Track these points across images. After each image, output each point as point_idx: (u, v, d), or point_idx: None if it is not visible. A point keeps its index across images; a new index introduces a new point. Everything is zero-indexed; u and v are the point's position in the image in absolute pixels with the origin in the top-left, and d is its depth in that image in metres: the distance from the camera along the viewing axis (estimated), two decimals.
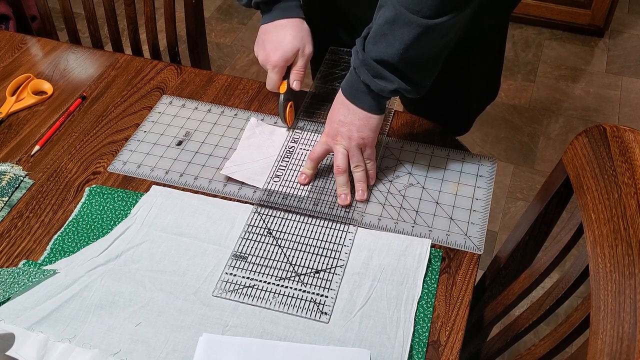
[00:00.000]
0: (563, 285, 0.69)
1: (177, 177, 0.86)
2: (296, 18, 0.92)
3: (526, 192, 1.89)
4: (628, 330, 0.49)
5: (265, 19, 0.93)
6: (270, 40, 0.91)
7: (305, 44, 0.91)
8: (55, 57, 1.10)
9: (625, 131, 0.61)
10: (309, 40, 0.92)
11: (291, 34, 0.90)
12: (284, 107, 0.90)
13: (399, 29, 0.71)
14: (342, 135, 0.81)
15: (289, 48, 0.89)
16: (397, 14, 0.70)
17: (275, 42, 0.90)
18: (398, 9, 0.70)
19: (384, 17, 0.72)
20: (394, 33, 0.72)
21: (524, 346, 0.75)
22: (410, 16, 0.70)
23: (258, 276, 0.74)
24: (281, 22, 0.91)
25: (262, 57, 0.92)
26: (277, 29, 0.91)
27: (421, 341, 0.68)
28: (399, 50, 0.72)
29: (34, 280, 0.72)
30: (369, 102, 0.79)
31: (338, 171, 0.82)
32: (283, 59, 0.89)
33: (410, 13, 0.69)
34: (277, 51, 0.89)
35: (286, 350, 0.65)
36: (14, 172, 0.87)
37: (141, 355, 0.66)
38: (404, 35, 0.71)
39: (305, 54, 0.92)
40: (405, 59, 0.73)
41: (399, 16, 0.70)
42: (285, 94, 0.90)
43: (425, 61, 0.75)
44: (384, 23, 0.72)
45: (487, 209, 0.82)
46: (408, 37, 0.71)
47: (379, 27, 0.73)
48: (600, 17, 2.37)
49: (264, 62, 0.91)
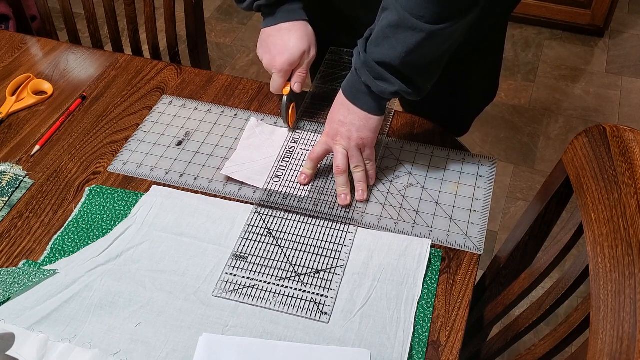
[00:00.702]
0: (563, 285, 0.69)
1: (177, 177, 0.87)
2: (300, 21, 0.91)
3: (526, 192, 1.89)
4: (628, 330, 0.49)
5: (268, 22, 0.92)
6: (275, 43, 0.90)
7: (310, 46, 0.91)
8: (55, 57, 1.11)
9: (625, 131, 0.61)
10: (313, 42, 0.92)
11: (296, 37, 0.89)
12: (286, 108, 0.90)
13: (402, 33, 0.71)
14: (342, 135, 0.81)
15: (295, 52, 0.89)
16: (400, 18, 0.70)
17: (280, 45, 0.89)
18: (402, 13, 0.70)
19: (387, 20, 0.72)
20: (397, 36, 0.72)
21: (524, 346, 0.75)
22: (413, 21, 0.69)
23: (258, 276, 0.74)
24: (285, 25, 0.90)
25: (267, 60, 0.91)
26: (281, 33, 0.90)
27: (421, 341, 0.68)
28: (401, 53, 0.72)
29: (34, 280, 0.72)
30: (369, 103, 0.79)
31: (338, 171, 0.82)
32: (288, 63, 0.89)
33: (413, 18, 0.69)
34: (282, 55, 0.89)
35: (286, 350, 0.65)
36: (14, 172, 0.87)
37: (141, 355, 0.66)
38: (407, 40, 0.71)
39: (310, 57, 0.91)
40: (407, 62, 0.73)
41: (402, 20, 0.70)
42: (289, 96, 0.90)
43: (427, 65, 0.75)
44: (387, 26, 0.72)
45: (487, 209, 0.82)
46: (411, 42, 0.71)
47: (381, 29, 0.73)
48: (600, 17, 2.37)
49: (269, 66, 0.91)
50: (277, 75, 0.90)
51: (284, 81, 0.91)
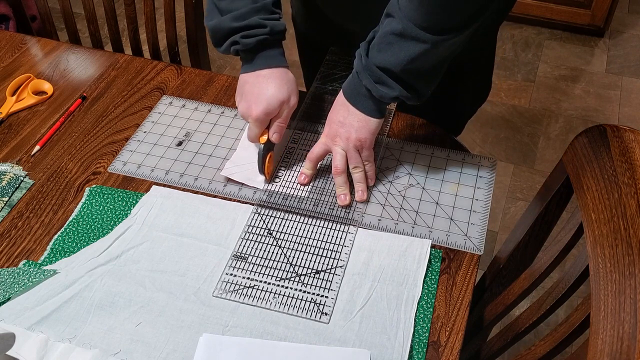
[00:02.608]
0: (563, 285, 0.69)
1: (177, 178, 0.87)
2: (280, 67, 0.84)
3: (526, 192, 1.89)
4: (628, 330, 0.49)
5: (246, 68, 0.85)
6: (251, 92, 0.83)
7: (290, 95, 0.84)
8: (55, 57, 1.10)
9: (625, 131, 0.61)
10: (294, 90, 0.85)
11: (274, 85, 0.83)
12: (262, 157, 0.84)
13: (406, 42, 0.71)
14: (341, 136, 0.81)
15: (272, 101, 0.82)
16: (404, 27, 0.70)
17: (256, 94, 0.83)
18: (406, 23, 0.70)
19: (391, 27, 0.72)
20: (400, 44, 0.72)
21: (524, 346, 0.75)
22: (418, 31, 0.70)
23: (258, 276, 0.74)
24: (263, 72, 0.84)
25: (242, 108, 0.84)
26: (259, 80, 0.84)
27: (421, 341, 0.68)
28: (402, 61, 0.72)
29: (34, 281, 0.72)
30: (369, 106, 0.79)
31: (336, 172, 0.82)
32: (265, 113, 0.82)
33: (417, 29, 0.69)
34: (259, 105, 0.82)
35: (286, 350, 0.66)
36: (14, 172, 0.87)
37: (141, 355, 0.66)
38: (410, 49, 0.71)
39: (289, 106, 0.85)
40: (408, 69, 0.73)
41: (406, 30, 0.70)
42: (265, 145, 0.84)
43: (428, 72, 0.75)
44: (390, 33, 0.72)
45: (487, 209, 0.82)
46: (414, 51, 0.71)
47: (384, 35, 0.73)
48: (600, 17, 2.37)
49: (245, 115, 0.84)
50: (253, 125, 0.83)
51: (260, 131, 0.84)
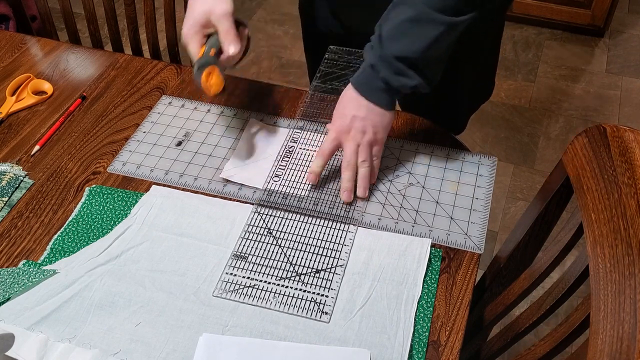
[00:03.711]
0: (563, 285, 0.69)
1: (176, 178, 0.86)
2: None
3: (526, 192, 1.89)
4: (628, 330, 0.49)
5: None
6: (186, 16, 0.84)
7: (215, 4, 0.80)
8: (55, 57, 1.10)
9: (625, 131, 0.61)
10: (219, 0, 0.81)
11: (200, 1, 0.81)
12: (198, 74, 0.80)
13: (423, 27, 0.72)
14: (356, 129, 0.80)
15: (196, 14, 0.81)
16: (419, 12, 0.71)
17: (187, 15, 0.83)
18: (421, 7, 0.71)
19: (404, 15, 0.73)
20: (417, 30, 0.73)
21: (524, 346, 0.75)
22: (434, 14, 0.71)
23: (258, 276, 0.74)
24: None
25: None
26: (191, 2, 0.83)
27: (421, 341, 0.68)
28: (422, 47, 0.73)
29: (34, 281, 0.72)
30: (385, 99, 0.79)
31: (348, 166, 0.81)
32: (190, 28, 0.81)
33: (434, 11, 0.71)
34: (186, 23, 0.82)
35: (286, 350, 0.65)
36: (14, 172, 0.87)
37: (141, 355, 0.66)
38: (427, 33, 0.72)
39: (216, 14, 0.80)
40: (426, 56, 0.74)
41: (422, 14, 0.71)
42: (199, 60, 0.80)
43: (442, 57, 0.77)
44: (404, 21, 0.73)
45: (487, 208, 0.82)
46: (432, 35, 0.72)
47: (398, 24, 0.74)
48: (600, 17, 2.37)
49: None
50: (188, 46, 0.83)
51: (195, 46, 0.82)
